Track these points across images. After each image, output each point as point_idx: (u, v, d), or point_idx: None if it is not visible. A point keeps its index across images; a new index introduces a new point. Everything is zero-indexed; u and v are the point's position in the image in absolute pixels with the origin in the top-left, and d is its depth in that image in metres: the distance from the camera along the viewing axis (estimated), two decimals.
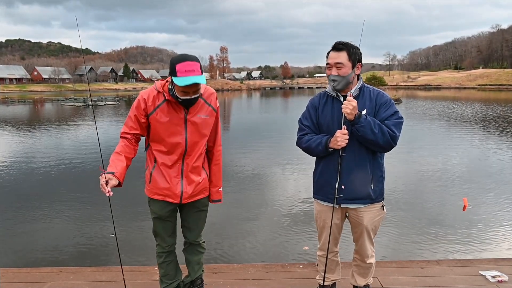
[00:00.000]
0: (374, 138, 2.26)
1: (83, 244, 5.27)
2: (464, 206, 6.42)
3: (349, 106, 2.23)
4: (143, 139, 2.54)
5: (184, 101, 2.28)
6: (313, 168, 2.63)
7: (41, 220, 6.25)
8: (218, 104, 2.52)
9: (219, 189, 2.64)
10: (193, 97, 2.27)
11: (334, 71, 2.34)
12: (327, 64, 2.38)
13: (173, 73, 2.17)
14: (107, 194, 2.13)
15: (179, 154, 2.40)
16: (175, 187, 2.43)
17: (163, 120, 2.33)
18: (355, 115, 2.25)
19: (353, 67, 2.34)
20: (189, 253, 2.72)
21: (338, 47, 2.34)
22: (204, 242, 2.74)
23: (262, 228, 5.80)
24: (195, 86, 2.21)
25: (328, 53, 2.42)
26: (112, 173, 2.21)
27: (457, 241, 5.20)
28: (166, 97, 2.31)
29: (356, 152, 2.37)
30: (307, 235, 5.44)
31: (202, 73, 2.20)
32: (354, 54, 2.33)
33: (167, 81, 2.36)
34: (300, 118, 2.58)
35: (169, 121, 2.34)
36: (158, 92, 2.35)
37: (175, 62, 2.16)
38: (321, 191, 2.53)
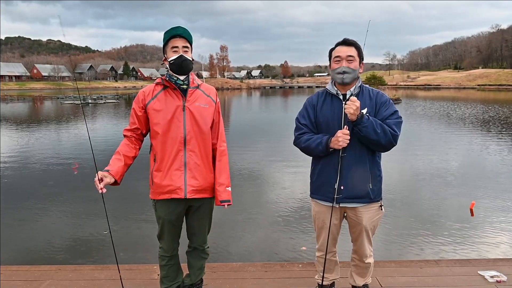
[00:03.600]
0: (377, 138, 2.26)
1: (82, 242, 5.27)
2: (471, 210, 6.35)
3: (353, 106, 2.21)
4: (147, 140, 2.53)
5: (178, 66, 2.35)
6: (310, 168, 2.62)
7: (41, 218, 6.24)
8: (218, 100, 2.54)
9: (227, 188, 2.50)
10: (183, 56, 2.35)
11: (344, 64, 2.34)
12: (337, 57, 2.37)
13: (163, 37, 2.39)
14: (100, 191, 2.16)
15: (178, 142, 2.37)
16: (178, 180, 2.37)
17: (160, 108, 2.37)
18: (357, 115, 2.24)
19: (359, 63, 2.39)
20: (193, 257, 2.70)
21: (349, 41, 2.39)
22: (208, 247, 2.71)
23: (261, 227, 5.79)
24: (181, 40, 2.35)
25: (332, 49, 2.43)
26: (108, 171, 2.26)
27: (456, 241, 5.20)
28: (164, 82, 2.40)
29: (357, 152, 2.37)
30: (306, 234, 5.44)
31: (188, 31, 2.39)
32: (361, 52, 2.39)
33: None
34: (297, 117, 2.55)
35: (166, 108, 2.37)
36: (157, 83, 2.44)
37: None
38: (320, 191, 2.51)
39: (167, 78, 2.39)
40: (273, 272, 3.28)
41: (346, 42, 2.39)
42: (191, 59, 2.40)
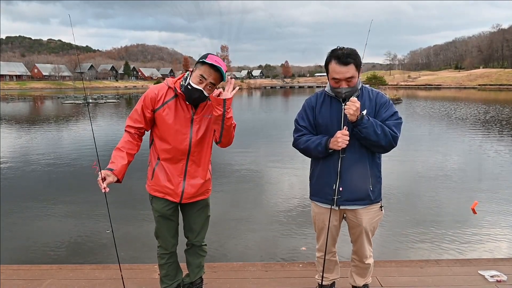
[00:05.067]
0: (377, 139, 2.25)
1: (83, 242, 5.27)
2: (473, 210, 6.34)
3: (353, 107, 2.20)
4: (147, 134, 2.54)
5: (191, 97, 2.28)
6: (309, 169, 2.61)
7: (41, 217, 6.25)
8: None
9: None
10: (204, 91, 2.26)
11: (344, 85, 2.27)
12: (334, 78, 2.27)
13: (202, 59, 2.25)
14: (103, 190, 2.17)
15: (183, 153, 2.39)
16: (177, 187, 2.42)
17: (168, 117, 2.34)
18: (357, 116, 2.24)
19: (358, 73, 2.31)
20: (191, 255, 2.72)
21: (346, 61, 2.22)
22: (206, 245, 2.73)
23: (261, 227, 5.80)
24: (215, 76, 2.25)
25: (328, 61, 2.30)
26: (111, 170, 2.25)
27: (456, 241, 5.20)
28: (177, 92, 2.34)
29: (356, 153, 2.36)
30: (306, 234, 5.45)
31: (225, 74, 2.29)
32: (359, 61, 2.27)
33: (179, 78, 2.39)
34: (296, 118, 2.53)
35: (175, 119, 2.34)
36: (169, 87, 2.38)
37: (207, 55, 2.27)
38: (320, 192, 2.50)
39: (182, 90, 2.33)
40: (274, 272, 3.28)
41: (343, 61, 2.22)
42: (207, 95, 2.31)
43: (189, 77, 2.31)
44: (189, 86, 2.28)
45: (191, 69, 2.34)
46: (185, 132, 2.36)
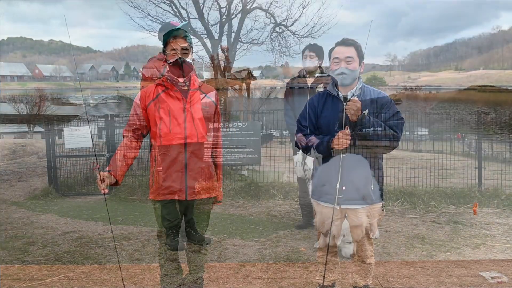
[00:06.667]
0: (378, 139, 2.27)
1: (83, 242, 5.27)
2: (474, 211, 6.33)
3: (353, 107, 2.22)
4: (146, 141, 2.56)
5: (180, 68, 2.36)
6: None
7: (41, 217, 6.25)
8: (218, 102, 2.57)
9: (220, 189, 2.67)
10: (182, 58, 2.35)
11: (343, 65, 2.34)
12: (335, 58, 2.38)
13: (163, 38, 2.41)
14: (102, 191, 2.22)
15: (179, 144, 2.39)
16: (179, 182, 2.41)
17: (160, 109, 2.39)
18: (358, 116, 2.24)
19: (359, 64, 2.37)
20: (192, 254, 2.73)
21: (347, 42, 2.37)
22: (207, 244, 2.76)
23: (261, 227, 5.79)
24: (181, 40, 2.36)
25: (332, 49, 2.44)
26: (109, 171, 2.30)
27: (456, 242, 5.20)
28: (165, 83, 2.42)
29: (358, 152, 2.37)
30: (306, 234, 5.44)
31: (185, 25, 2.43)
32: (361, 51, 2.38)
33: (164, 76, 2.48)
34: (298, 118, 2.56)
35: (167, 110, 2.38)
36: (157, 85, 2.45)
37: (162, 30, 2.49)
38: (321, 191, 2.52)
39: (168, 79, 2.41)
40: (274, 272, 3.29)
41: (345, 43, 2.38)
42: (190, 61, 2.41)
43: (166, 59, 2.42)
44: (169, 64, 2.38)
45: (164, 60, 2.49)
46: (180, 122, 2.39)
